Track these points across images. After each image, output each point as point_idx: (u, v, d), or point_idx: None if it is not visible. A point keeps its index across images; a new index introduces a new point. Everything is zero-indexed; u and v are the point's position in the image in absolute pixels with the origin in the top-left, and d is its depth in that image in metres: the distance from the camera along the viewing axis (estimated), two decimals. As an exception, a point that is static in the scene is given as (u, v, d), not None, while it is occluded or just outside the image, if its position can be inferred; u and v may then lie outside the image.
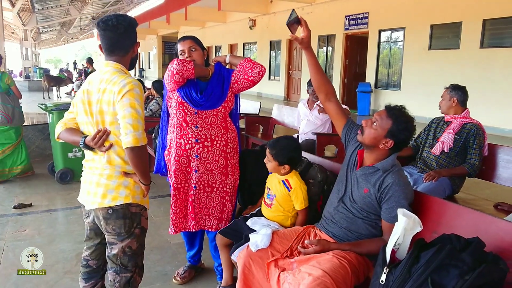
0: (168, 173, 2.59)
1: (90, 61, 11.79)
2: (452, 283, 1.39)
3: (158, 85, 6.00)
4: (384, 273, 1.53)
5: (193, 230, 2.50)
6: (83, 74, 19.26)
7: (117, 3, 22.88)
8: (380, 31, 11.76)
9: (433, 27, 10.09)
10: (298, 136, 5.05)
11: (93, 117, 1.92)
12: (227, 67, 2.58)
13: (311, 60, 2.24)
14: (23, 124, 5.37)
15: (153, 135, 4.10)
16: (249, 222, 2.38)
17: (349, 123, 2.25)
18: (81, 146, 1.95)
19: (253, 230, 2.28)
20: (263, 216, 2.44)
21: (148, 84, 8.04)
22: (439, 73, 9.76)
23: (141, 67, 33.84)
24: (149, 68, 32.67)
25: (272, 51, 17.15)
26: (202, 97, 2.35)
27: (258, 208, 2.53)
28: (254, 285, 2.08)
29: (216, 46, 22.18)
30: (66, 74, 20.59)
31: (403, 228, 1.56)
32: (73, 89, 17.03)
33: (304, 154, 2.65)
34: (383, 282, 1.53)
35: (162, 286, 2.77)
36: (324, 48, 14.07)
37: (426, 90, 9.91)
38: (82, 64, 40.87)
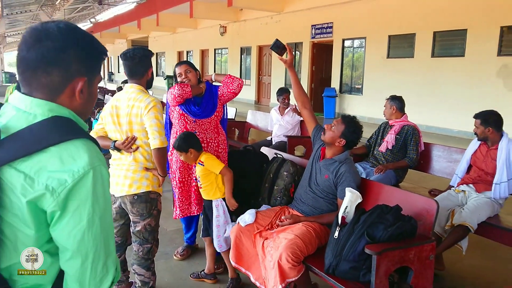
0: (170, 170, 3.22)
1: None
2: (380, 234, 2.12)
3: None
4: (337, 230, 2.25)
5: (196, 214, 3.14)
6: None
7: (87, 8, 23.00)
8: (343, 40, 12.68)
9: (391, 37, 11.07)
10: (271, 138, 5.76)
11: (121, 126, 2.54)
12: (214, 83, 3.26)
13: (293, 77, 2.96)
14: None
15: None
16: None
17: (317, 127, 2.96)
18: (111, 148, 2.57)
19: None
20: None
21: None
22: (396, 79, 10.74)
23: (110, 71, 33.83)
24: (118, 72, 32.71)
25: (242, 57, 17.85)
26: (199, 109, 3.01)
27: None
28: (243, 251, 2.75)
29: (187, 51, 22.68)
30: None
31: (349, 200, 2.29)
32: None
33: (280, 152, 3.36)
34: (336, 237, 2.24)
35: (165, 262, 3.40)
36: (292, 55, 14.88)
37: (385, 95, 10.76)
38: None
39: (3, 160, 0.88)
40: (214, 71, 19.49)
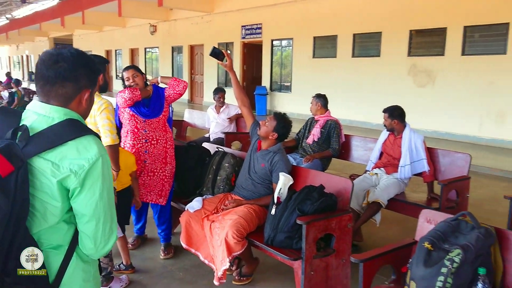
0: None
1: (17, 82, 11.35)
2: (308, 208, 2.60)
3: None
4: (274, 208, 2.70)
5: (154, 202, 3.42)
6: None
7: (3, 4, 21.65)
8: (272, 41, 13.33)
9: (315, 38, 11.89)
10: (209, 135, 6.13)
11: None
12: (159, 85, 3.57)
13: (234, 78, 3.37)
14: None
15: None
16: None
17: (255, 123, 3.39)
18: None
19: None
20: None
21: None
22: (321, 77, 11.57)
23: (30, 70, 31.91)
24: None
25: (174, 56, 17.92)
26: (148, 109, 3.32)
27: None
28: (192, 234, 3.11)
29: (116, 50, 22.19)
30: None
31: (283, 183, 2.75)
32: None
33: (221, 147, 3.76)
34: (273, 213, 2.69)
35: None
36: (224, 54, 15.29)
37: (312, 93, 11.52)
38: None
39: (34, 152, 1.20)
40: (145, 70, 19.32)
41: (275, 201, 2.78)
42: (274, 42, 13.38)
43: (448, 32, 9.01)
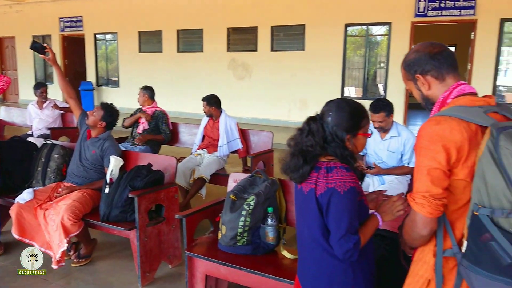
0: None
1: None
2: (138, 183, 2.98)
3: None
4: (107, 187, 3.00)
5: None
6: None
7: None
8: (95, 34, 12.92)
9: (140, 33, 12.02)
10: (32, 133, 5.87)
11: None
12: None
13: (58, 71, 3.49)
14: None
15: None
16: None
17: (83, 113, 3.57)
18: None
19: None
20: None
21: None
22: (149, 71, 11.80)
23: None
24: None
25: (-23, 49, 15.70)
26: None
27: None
28: (25, 225, 3.17)
29: None
30: None
31: (114, 164, 3.07)
32: None
33: (49, 140, 3.81)
34: (107, 192, 2.99)
35: None
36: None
37: (139, 86, 11.75)
38: None
39: None
40: None
41: (108, 181, 3.08)
42: (98, 36, 13.01)
43: (259, 30, 10.26)
